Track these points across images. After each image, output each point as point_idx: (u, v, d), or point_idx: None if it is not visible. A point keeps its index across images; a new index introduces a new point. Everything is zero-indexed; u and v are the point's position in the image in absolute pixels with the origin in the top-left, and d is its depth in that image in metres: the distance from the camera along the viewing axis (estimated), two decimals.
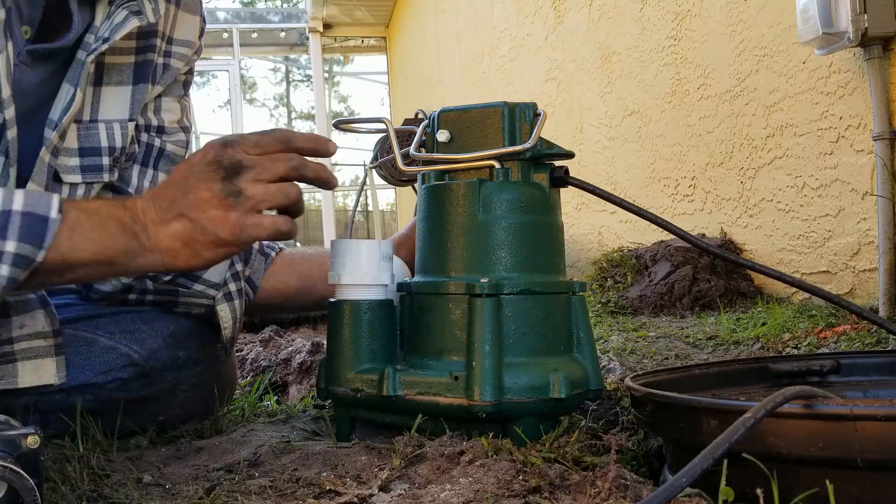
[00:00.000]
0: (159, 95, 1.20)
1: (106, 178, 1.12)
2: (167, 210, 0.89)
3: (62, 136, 1.05)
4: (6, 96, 0.95)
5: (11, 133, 0.97)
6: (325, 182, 0.94)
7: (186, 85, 1.25)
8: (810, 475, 0.63)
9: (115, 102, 1.12)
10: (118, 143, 1.11)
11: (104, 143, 1.10)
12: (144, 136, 1.18)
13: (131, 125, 1.13)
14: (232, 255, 0.92)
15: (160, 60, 1.17)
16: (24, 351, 1.03)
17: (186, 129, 1.25)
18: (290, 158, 0.91)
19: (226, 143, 0.90)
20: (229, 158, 0.89)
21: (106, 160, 1.11)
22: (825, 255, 2.18)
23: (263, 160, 0.90)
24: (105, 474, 0.90)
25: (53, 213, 0.83)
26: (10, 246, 0.81)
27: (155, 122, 1.19)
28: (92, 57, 1.03)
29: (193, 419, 1.18)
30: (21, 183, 1.02)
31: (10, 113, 0.96)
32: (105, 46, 1.03)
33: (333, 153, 0.95)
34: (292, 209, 0.92)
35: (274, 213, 0.92)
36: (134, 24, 1.05)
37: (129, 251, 0.88)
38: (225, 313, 1.19)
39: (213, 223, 0.88)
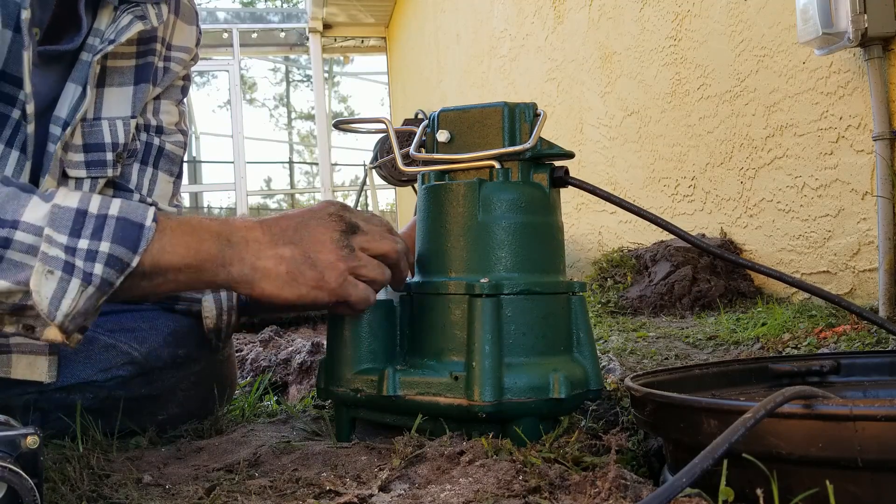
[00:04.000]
0: (158, 97, 1.25)
1: (109, 172, 1.15)
2: (278, 235, 0.88)
3: (71, 133, 1.08)
4: (29, 91, 0.99)
5: (31, 128, 1.01)
6: (401, 283, 1.00)
7: (184, 91, 1.30)
8: (810, 475, 0.63)
9: (118, 101, 1.16)
10: (121, 139, 1.15)
11: (107, 139, 1.14)
12: (144, 136, 1.23)
13: (133, 122, 1.18)
14: (319, 304, 0.91)
15: (160, 64, 1.22)
16: (19, 345, 1.04)
17: (184, 132, 1.30)
18: (396, 241, 0.95)
19: (346, 206, 0.94)
20: (349, 219, 0.92)
21: (109, 156, 1.14)
22: (825, 255, 2.18)
23: (376, 232, 0.94)
24: (105, 474, 0.89)
25: (148, 222, 0.83)
26: (105, 246, 0.81)
27: (154, 123, 1.24)
28: (98, 57, 1.07)
29: (193, 419, 1.18)
30: (33, 178, 1.05)
31: (30, 108, 1.00)
32: (111, 48, 1.07)
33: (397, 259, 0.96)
34: (379, 286, 0.95)
35: None
36: (138, 27, 1.10)
37: (221, 258, 0.86)
38: (209, 303, 1.19)
39: (324, 264, 0.88)
